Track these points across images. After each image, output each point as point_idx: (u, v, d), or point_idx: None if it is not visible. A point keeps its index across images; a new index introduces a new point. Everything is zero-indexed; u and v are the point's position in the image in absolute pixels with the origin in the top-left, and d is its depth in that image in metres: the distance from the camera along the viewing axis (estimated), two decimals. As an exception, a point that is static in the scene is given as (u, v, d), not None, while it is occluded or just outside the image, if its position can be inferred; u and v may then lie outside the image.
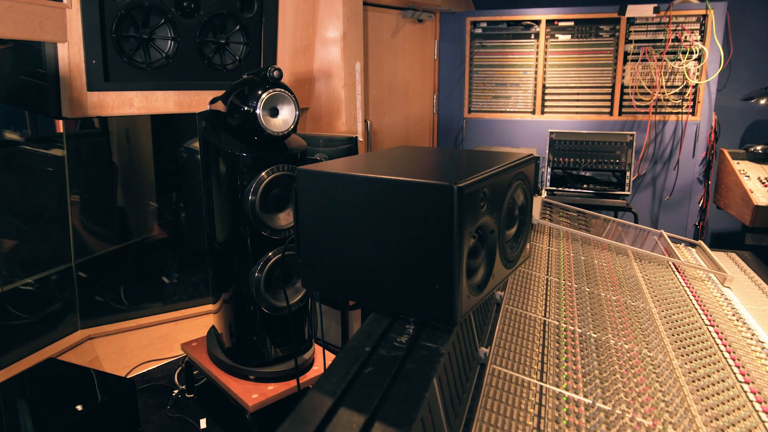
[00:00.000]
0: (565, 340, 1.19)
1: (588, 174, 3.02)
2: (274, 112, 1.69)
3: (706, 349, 1.28)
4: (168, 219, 3.64)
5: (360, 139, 2.82)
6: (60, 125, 3.52)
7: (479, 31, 3.38)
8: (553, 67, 3.31)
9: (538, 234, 1.91)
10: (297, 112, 1.72)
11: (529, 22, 3.30)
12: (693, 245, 2.19)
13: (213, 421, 2.05)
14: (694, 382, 1.11)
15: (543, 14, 3.29)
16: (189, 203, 3.42)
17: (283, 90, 1.66)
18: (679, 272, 1.83)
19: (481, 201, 0.83)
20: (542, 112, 3.36)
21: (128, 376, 2.33)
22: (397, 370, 0.70)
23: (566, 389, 1.00)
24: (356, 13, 2.67)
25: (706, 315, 1.51)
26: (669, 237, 2.19)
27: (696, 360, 1.21)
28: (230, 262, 1.80)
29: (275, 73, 1.62)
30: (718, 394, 1.09)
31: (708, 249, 2.09)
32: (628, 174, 2.84)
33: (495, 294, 1.30)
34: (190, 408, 2.13)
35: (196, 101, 2.31)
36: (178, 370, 2.35)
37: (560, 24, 3.24)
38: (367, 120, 2.97)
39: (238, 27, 2.40)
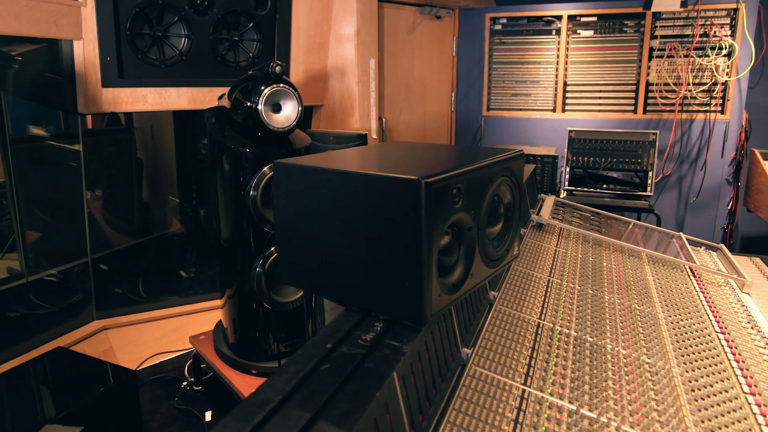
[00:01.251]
0: (557, 344, 1.15)
1: (609, 174, 2.93)
2: (277, 108, 1.69)
3: (712, 357, 1.22)
4: (188, 214, 3.70)
5: (374, 136, 2.81)
6: (90, 121, 3.64)
7: (499, 27, 3.32)
8: (574, 64, 3.22)
9: (547, 234, 1.86)
10: (300, 108, 1.71)
11: (550, 18, 3.22)
12: (714, 249, 2.10)
13: (219, 415, 2.07)
14: (693, 391, 1.06)
15: (564, 9, 3.21)
16: (208, 199, 3.48)
17: (285, 86, 1.66)
18: (694, 277, 1.75)
19: (455, 197, 0.81)
20: (563, 110, 3.28)
21: (140, 368, 2.38)
22: (354, 368, 0.68)
23: (550, 394, 0.96)
24: (371, 9, 2.66)
25: (718, 321, 1.43)
26: (688, 240, 2.10)
27: (699, 368, 1.15)
28: (234, 258, 1.82)
29: (277, 68, 1.62)
30: (719, 405, 1.03)
31: (729, 253, 2.00)
32: (650, 174, 2.74)
33: (489, 294, 1.26)
34: (197, 400, 2.16)
35: (210, 98, 2.34)
36: (188, 363, 2.38)
37: (582, 19, 3.15)
38: (382, 117, 2.96)
39: (251, 24, 2.42)
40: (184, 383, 2.25)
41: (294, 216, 0.90)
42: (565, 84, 3.27)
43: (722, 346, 1.31)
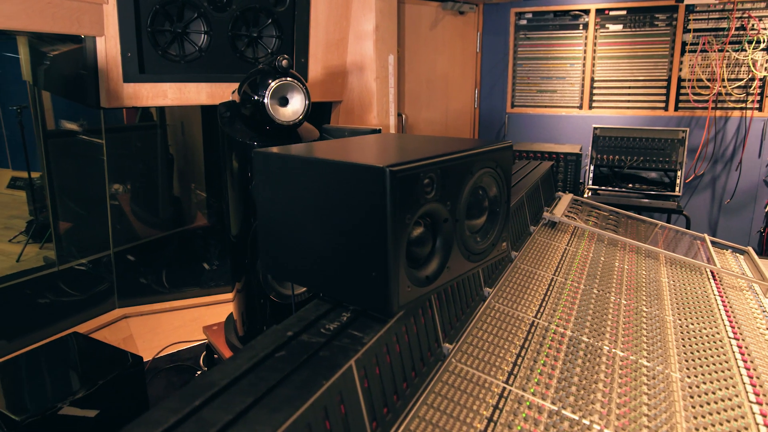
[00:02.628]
0: (549, 343, 1.11)
1: (636, 173, 2.82)
2: (284, 102, 1.70)
3: (720, 363, 1.16)
4: (213, 208, 3.78)
5: (392, 132, 2.80)
6: (126, 117, 3.77)
7: (524, 22, 3.25)
8: (602, 60, 3.11)
9: (559, 233, 1.81)
10: (307, 102, 1.72)
11: (577, 12, 3.12)
12: (741, 252, 1.99)
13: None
14: (692, 397, 1.01)
15: (592, 3, 3.11)
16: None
17: (292, 79, 1.67)
18: (714, 280, 1.67)
19: (427, 186, 0.79)
20: (590, 107, 3.18)
21: (158, 356, 2.44)
22: (308, 357, 0.68)
23: (533, 394, 0.93)
24: (390, 5, 2.64)
25: (732, 327, 1.36)
26: (713, 242, 2.01)
27: (703, 374, 1.09)
28: (243, 251, 1.84)
29: (284, 62, 1.63)
30: (719, 412, 0.98)
31: (756, 257, 1.89)
32: (679, 174, 2.62)
33: (483, 290, 1.24)
34: (209, 389, 2.20)
35: (228, 93, 2.38)
36: (204, 353, 2.43)
37: (611, 13, 3.04)
38: (401, 114, 2.94)
39: (270, 21, 2.45)
40: (198, 372, 2.29)
41: (272, 205, 0.90)
42: (592, 80, 3.17)
43: (733, 352, 1.24)
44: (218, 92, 2.39)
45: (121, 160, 3.35)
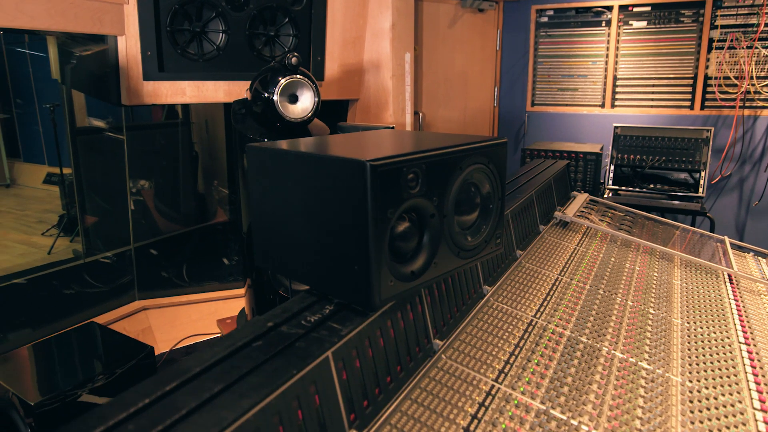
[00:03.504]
0: (545, 343, 1.10)
1: (659, 173, 2.75)
2: (294, 99, 1.72)
3: (726, 368, 1.12)
4: (235, 204, 3.85)
5: (408, 130, 2.79)
6: (153, 114, 3.87)
7: (545, 19, 3.20)
8: (625, 57, 3.04)
9: (570, 232, 1.78)
10: (317, 99, 1.74)
11: (600, 9, 3.06)
12: (764, 255, 1.92)
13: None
14: (691, 402, 0.98)
15: (615, 0, 3.04)
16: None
17: (301, 77, 1.69)
18: (731, 283, 1.62)
19: (411, 181, 0.79)
20: (612, 106, 3.11)
21: (175, 347, 2.50)
22: (285, 347, 0.69)
23: (522, 393, 0.92)
24: (407, 3, 2.64)
25: (744, 331, 1.32)
26: (733, 245, 1.94)
27: (706, 379, 1.06)
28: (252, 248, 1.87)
29: (293, 60, 1.65)
30: (719, 418, 0.95)
31: (778, 260, 1.82)
32: (702, 174, 2.54)
33: (482, 288, 1.23)
34: (222, 382, 2.24)
35: (245, 91, 2.42)
36: (218, 346, 2.48)
37: (635, 9, 2.97)
38: (419, 112, 2.94)
39: (287, 20, 2.48)
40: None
41: (263, 198, 0.91)
42: (615, 78, 3.10)
43: (742, 357, 1.20)
44: (235, 90, 2.43)
45: (146, 157, 3.44)
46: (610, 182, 2.73)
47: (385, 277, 0.78)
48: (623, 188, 2.78)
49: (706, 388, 1.04)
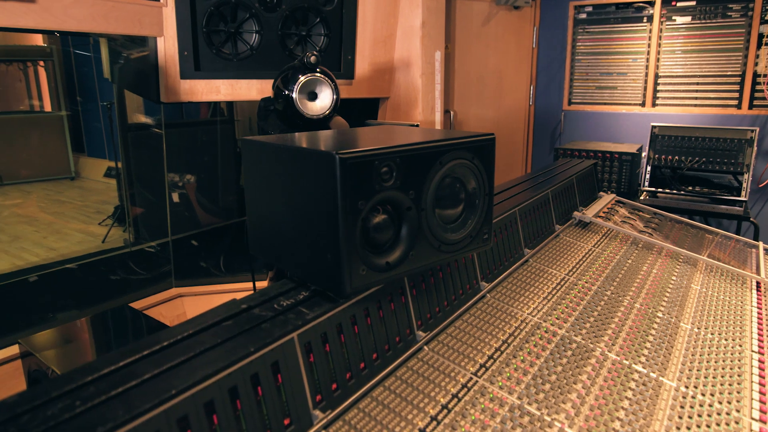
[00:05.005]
0: (535, 340, 1.09)
1: (700, 175, 2.62)
2: (313, 96, 1.77)
3: (730, 376, 1.08)
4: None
5: (438, 128, 2.80)
6: (202, 112, 4.06)
7: (584, 16, 3.11)
8: (668, 54, 2.91)
9: (589, 233, 1.74)
10: (335, 96, 1.78)
11: (641, 4, 2.94)
12: (804, 263, 1.81)
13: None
14: (681, 407, 0.96)
15: (660, -5, 2.92)
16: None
17: (320, 75, 1.74)
18: (758, 291, 1.54)
19: (384, 174, 0.82)
20: (653, 105, 2.99)
21: (207, 334, 2.62)
22: (250, 327, 0.73)
23: (500, 387, 0.93)
24: (438, 2, 2.65)
25: (761, 341, 1.26)
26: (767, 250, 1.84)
27: (704, 386, 1.03)
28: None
29: (312, 58, 1.70)
30: (709, 426, 0.93)
31: (817, 269, 1.71)
32: (746, 177, 2.40)
33: (479, 284, 1.23)
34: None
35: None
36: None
37: (679, 4, 2.84)
38: (449, 110, 2.93)
39: (318, 19, 2.54)
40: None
41: (254, 190, 0.96)
42: (656, 76, 2.97)
43: (751, 366, 1.15)
44: (268, 88, 2.51)
45: (189, 153, 3.61)
46: (646, 183, 2.63)
47: (356, 266, 0.80)
48: (661, 190, 2.68)
49: (702, 394, 1.01)
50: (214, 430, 0.63)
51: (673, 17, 2.91)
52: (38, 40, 6.57)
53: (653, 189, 2.65)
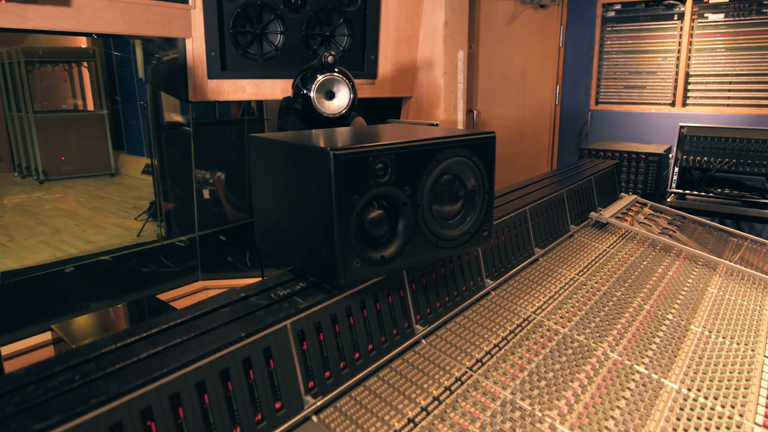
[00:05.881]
0: (535, 338, 1.10)
1: (730, 177, 2.54)
2: (330, 95, 1.81)
3: (737, 380, 1.06)
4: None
5: (460, 128, 2.80)
6: (234, 110, 4.18)
7: (612, 14, 3.05)
8: (699, 52, 2.83)
9: (605, 234, 1.72)
10: (352, 95, 1.81)
11: (672, 2, 2.86)
12: (834, 269, 1.74)
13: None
14: (681, 409, 0.95)
15: (692, -8, 2.84)
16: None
17: (337, 74, 1.78)
18: (779, 296, 1.49)
19: (379, 171, 0.84)
20: (683, 104, 2.90)
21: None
22: (245, 314, 0.77)
23: (494, 382, 0.94)
24: (461, 1, 2.66)
25: (775, 346, 1.22)
26: (796, 256, 1.77)
27: (708, 389, 1.02)
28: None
29: (330, 58, 1.74)
30: (708, 429, 0.91)
31: None
32: (778, 179, 2.32)
33: (484, 281, 1.24)
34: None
35: (297, 88, 2.55)
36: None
37: (711, 1, 2.75)
38: (473, 110, 2.93)
39: (342, 20, 2.58)
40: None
41: (259, 184, 1.00)
42: (687, 75, 2.89)
43: (761, 371, 1.12)
44: (291, 88, 2.57)
45: (221, 151, 3.72)
46: (674, 185, 2.56)
47: (350, 259, 0.83)
48: (690, 193, 2.61)
49: (705, 397, 1.00)
50: (204, 409, 0.67)
51: (705, 14, 2.82)
52: (82, 42, 6.86)
53: (681, 191, 2.59)
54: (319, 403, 0.79)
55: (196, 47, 2.32)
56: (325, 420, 0.78)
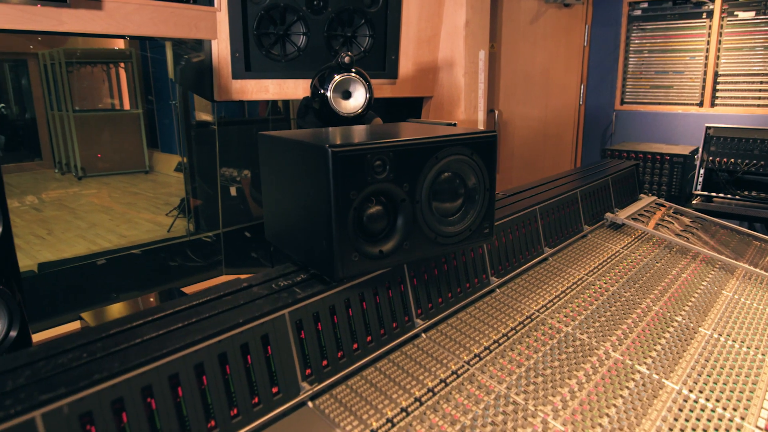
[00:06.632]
0: (537, 336, 1.11)
1: (760, 179, 2.47)
2: (347, 95, 1.84)
3: (743, 384, 1.05)
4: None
5: (480, 128, 2.81)
6: (262, 110, 4.28)
7: (638, 12, 2.99)
8: (729, 51, 2.75)
9: (620, 235, 1.71)
10: (368, 95, 1.84)
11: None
12: None
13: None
14: (680, 410, 0.95)
15: (722, -11, 2.76)
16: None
17: (354, 74, 1.81)
18: (800, 301, 1.45)
19: (378, 167, 0.87)
20: (712, 105, 2.83)
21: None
22: (245, 302, 0.81)
23: (490, 377, 0.96)
24: (483, 1, 2.66)
25: (788, 351, 1.20)
26: (821, 260, 1.72)
27: (711, 391, 1.01)
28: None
29: (346, 59, 1.78)
30: (705, 430, 0.91)
31: None
32: (809, 182, 2.24)
33: (490, 278, 1.26)
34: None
35: (319, 88, 2.59)
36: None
37: (742, -1, 2.68)
38: (494, 110, 2.92)
39: (363, 21, 2.62)
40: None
41: (268, 180, 1.05)
42: (716, 74, 2.82)
43: (765, 376, 1.10)
44: (313, 87, 2.62)
45: (247, 149, 3.81)
46: (699, 187, 2.51)
47: (348, 252, 0.86)
48: (717, 195, 2.55)
49: (707, 399, 0.99)
50: (203, 390, 0.71)
51: (735, 12, 2.74)
52: (119, 43, 7.10)
53: (706, 193, 2.53)
54: (315, 390, 0.83)
55: (221, 48, 2.39)
56: (320, 406, 0.81)
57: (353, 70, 1.84)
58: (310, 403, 0.81)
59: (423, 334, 1.03)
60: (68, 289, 2.78)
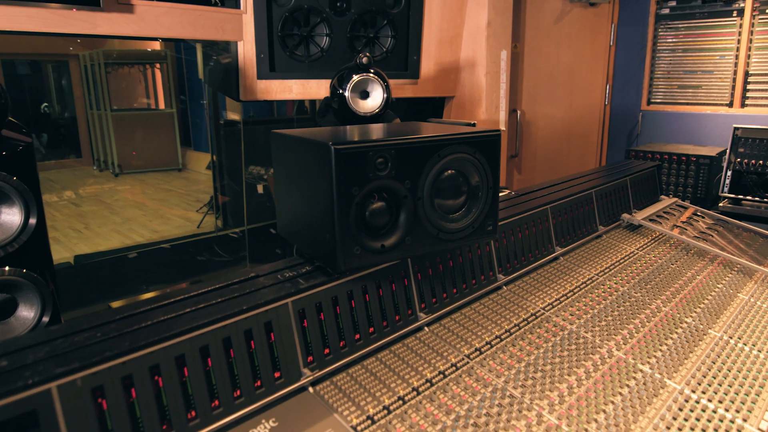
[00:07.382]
0: (539, 332, 1.12)
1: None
2: (365, 95, 1.88)
3: (749, 386, 1.05)
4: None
5: (502, 128, 2.81)
6: (289, 109, 4.37)
7: (666, 11, 2.93)
8: (761, 50, 2.67)
9: (636, 236, 1.70)
10: (386, 95, 1.88)
11: (731, -3, 2.72)
12: None
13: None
14: (680, 410, 0.95)
15: (755, -13, 2.68)
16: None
17: (372, 74, 1.85)
18: (820, 306, 1.42)
19: (380, 165, 0.90)
20: (742, 105, 2.75)
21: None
22: (250, 291, 0.85)
23: (489, 370, 0.98)
24: (505, 1, 2.66)
25: (800, 356, 1.18)
26: None
27: (714, 392, 1.01)
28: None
29: (364, 59, 1.82)
30: (704, 430, 0.91)
31: None
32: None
33: (497, 275, 1.27)
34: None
35: (341, 88, 2.64)
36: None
37: (775, -4, 2.59)
38: (517, 110, 2.92)
39: (386, 22, 2.65)
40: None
41: (279, 176, 1.09)
42: (746, 74, 2.74)
43: (777, 380, 1.08)
44: (336, 88, 2.67)
45: (269, 148, 3.89)
46: (725, 189, 2.45)
47: (350, 246, 0.90)
48: (745, 197, 2.48)
49: (709, 400, 0.99)
50: (208, 371, 0.76)
51: (767, 10, 2.67)
52: (155, 45, 7.33)
53: (734, 195, 2.47)
54: (315, 376, 0.87)
55: (247, 49, 2.46)
56: (321, 392, 0.85)
57: (371, 70, 1.88)
58: (310, 389, 0.85)
59: (426, 328, 1.06)
60: (101, 280, 2.90)
